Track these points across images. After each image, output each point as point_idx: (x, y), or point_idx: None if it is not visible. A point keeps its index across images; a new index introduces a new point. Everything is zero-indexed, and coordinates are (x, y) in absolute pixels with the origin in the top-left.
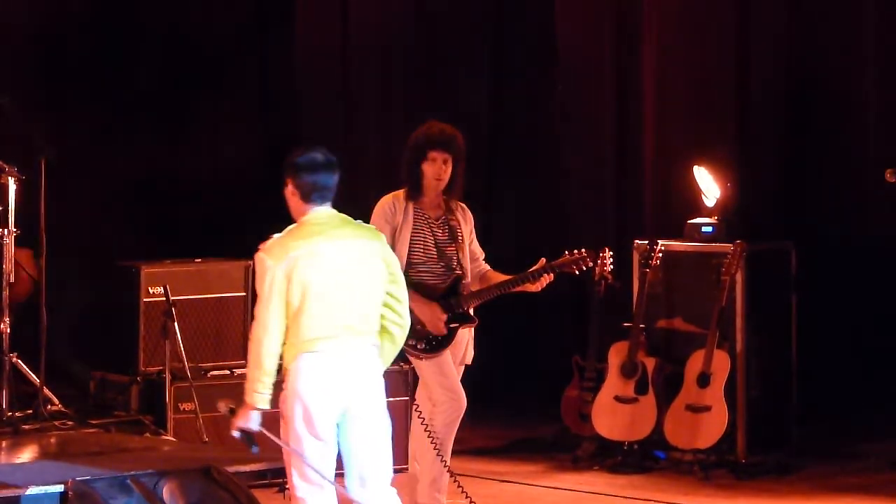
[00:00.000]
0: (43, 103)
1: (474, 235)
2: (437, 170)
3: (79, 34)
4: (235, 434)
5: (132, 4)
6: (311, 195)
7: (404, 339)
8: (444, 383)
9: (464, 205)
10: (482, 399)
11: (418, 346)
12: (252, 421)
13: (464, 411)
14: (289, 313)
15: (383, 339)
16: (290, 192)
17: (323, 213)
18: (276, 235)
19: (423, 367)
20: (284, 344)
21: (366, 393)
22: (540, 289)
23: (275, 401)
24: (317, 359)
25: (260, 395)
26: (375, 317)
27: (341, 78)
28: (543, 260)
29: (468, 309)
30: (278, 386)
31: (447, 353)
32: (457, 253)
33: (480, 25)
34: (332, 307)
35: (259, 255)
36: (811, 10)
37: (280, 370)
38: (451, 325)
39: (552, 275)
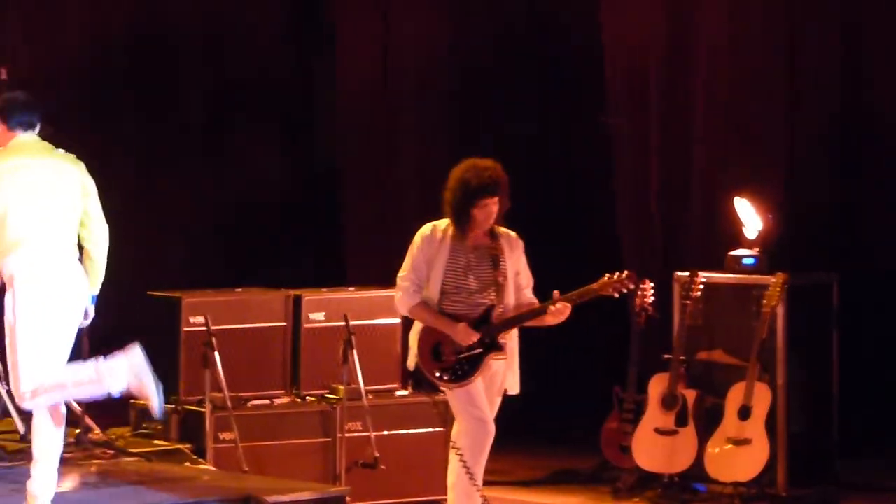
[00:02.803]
0: (86, 134)
1: (522, 264)
2: (488, 214)
3: (121, 65)
4: None
5: (175, 33)
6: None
7: (102, 256)
8: (473, 412)
9: (513, 233)
10: (523, 430)
11: (444, 377)
12: None
13: (491, 440)
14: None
15: (84, 257)
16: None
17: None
18: None
19: (452, 396)
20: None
21: (60, 296)
22: (554, 322)
23: None
24: (19, 260)
25: None
26: (71, 230)
27: (382, 106)
28: (557, 293)
29: (496, 338)
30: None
31: (478, 383)
32: (495, 282)
33: (524, 54)
34: (30, 217)
35: None
36: (862, 46)
37: None
38: (476, 353)
39: (569, 306)
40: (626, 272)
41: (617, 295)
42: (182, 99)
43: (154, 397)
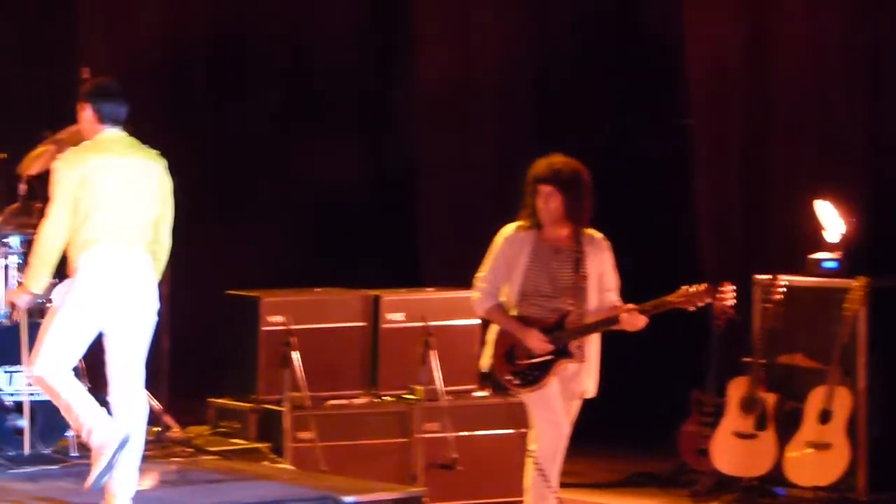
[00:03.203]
0: (162, 133)
1: (608, 265)
2: (546, 204)
3: (199, 65)
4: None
5: (253, 31)
6: (105, 119)
7: (165, 257)
8: (547, 416)
9: (598, 234)
10: (601, 433)
11: (514, 381)
12: (22, 300)
13: (565, 444)
14: (76, 217)
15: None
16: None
17: (114, 136)
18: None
19: (528, 399)
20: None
21: (137, 295)
22: (631, 330)
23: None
24: (95, 256)
25: (37, 282)
26: (146, 230)
27: (460, 105)
28: (631, 305)
29: (568, 346)
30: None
31: (553, 387)
32: (576, 286)
33: (603, 53)
34: (112, 216)
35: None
36: None
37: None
38: (547, 359)
39: (638, 312)
40: (703, 286)
41: (693, 308)
42: (259, 97)
43: (100, 472)
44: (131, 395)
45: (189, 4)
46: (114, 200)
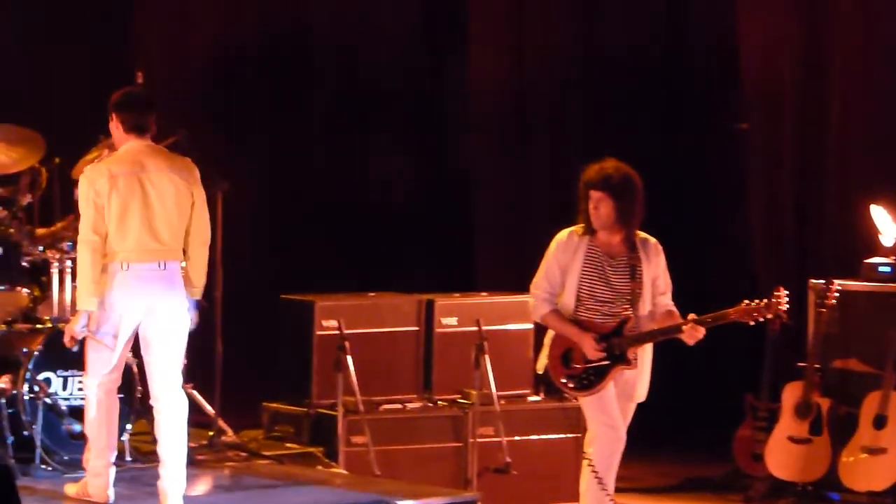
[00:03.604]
0: (218, 136)
1: (661, 269)
2: (596, 209)
3: (252, 67)
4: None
5: (306, 35)
6: (131, 129)
7: (202, 262)
8: (603, 419)
9: (652, 240)
10: (654, 437)
11: (570, 384)
12: (79, 325)
13: (622, 448)
14: (107, 227)
15: (187, 263)
16: (115, 126)
17: (139, 146)
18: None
19: (585, 403)
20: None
21: (166, 303)
22: (690, 342)
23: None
24: (123, 268)
25: (84, 301)
26: (174, 237)
27: (515, 108)
28: (692, 316)
29: (626, 352)
30: None
31: (610, 391)
32: (633, 292)
33: (657, 57)
34: (136, 226)
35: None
36: None
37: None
38: (604, 364)
39: (701, 328)
40: (763, 301)
41: (752, 323)
42: (314, 100)
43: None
44: (169, 397)
45: (243, 7)
46: (137, 211)
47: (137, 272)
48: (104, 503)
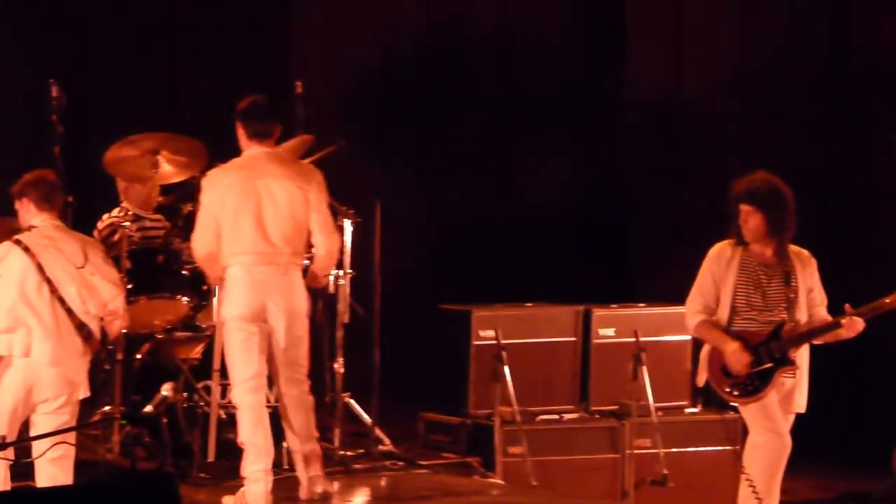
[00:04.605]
0: (375, 146)
1: (815, 281)
2: (746, 222)
3: (408, 80)
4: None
5: (460, 48)
6: (253, 135)
7: (331, 257)
8: (767, 425)
9: (804, 251)
10: (811, 449)
11: (735, 392)
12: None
13: (787, 454)
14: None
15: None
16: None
17: (259, 153)
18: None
19: (747, 411)
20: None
21: (283, 304)
22: (848, 336)
23: None
24: (238, 271)
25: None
26: (292, 240)
27: (673, 116)
28: (848, 307)
29: (788, 353)
30: None
31: (772, 396)
32: (787, 299)
33: (816, 64)
34: (252, 229)
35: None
36: None
37: None
38: (767, 368)
39: (861, 320)
40: None
41: None
42: (471, 108)
43: None
44: (293, 391)
45: (402, 15)
46: (252, 215)
47: (250, 273)
48: None
